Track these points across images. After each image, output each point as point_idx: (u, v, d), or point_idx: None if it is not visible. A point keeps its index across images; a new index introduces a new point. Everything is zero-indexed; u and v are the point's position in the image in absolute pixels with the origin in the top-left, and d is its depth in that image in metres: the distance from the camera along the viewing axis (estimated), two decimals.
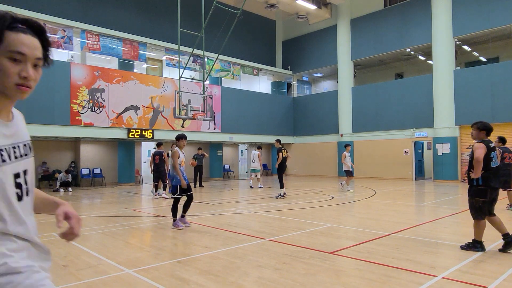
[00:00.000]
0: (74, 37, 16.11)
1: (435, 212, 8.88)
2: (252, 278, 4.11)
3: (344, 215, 8.71)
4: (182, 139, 7.40)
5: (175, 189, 7.14)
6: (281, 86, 26.60)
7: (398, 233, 6.34)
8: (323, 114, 24.32)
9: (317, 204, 10.50)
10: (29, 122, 14.52)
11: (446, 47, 18.59)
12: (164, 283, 3.93)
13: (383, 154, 21.27)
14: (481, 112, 17.45)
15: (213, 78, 21.77)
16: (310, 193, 13.56)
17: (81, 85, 16.06)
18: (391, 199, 11.46)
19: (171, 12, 19.82)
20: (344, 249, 5.31)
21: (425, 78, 19.70)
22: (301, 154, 25.57)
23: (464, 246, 5.21)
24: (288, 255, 4.97)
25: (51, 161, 17.81)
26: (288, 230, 6.76)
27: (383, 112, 21.26)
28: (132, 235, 6.66)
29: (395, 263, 4.54)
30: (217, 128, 21.15)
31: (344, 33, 23.08)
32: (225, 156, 24.47)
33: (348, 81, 23.03)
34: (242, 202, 11.48)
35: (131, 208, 10.07)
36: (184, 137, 7.43)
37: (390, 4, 21.36)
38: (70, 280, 4.09)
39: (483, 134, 5.33)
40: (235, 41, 22.48)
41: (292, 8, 22.55)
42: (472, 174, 5.18)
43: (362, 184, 17.51)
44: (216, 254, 5.10)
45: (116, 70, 17.56)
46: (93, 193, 14.67)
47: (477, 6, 17.83)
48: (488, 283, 3.82)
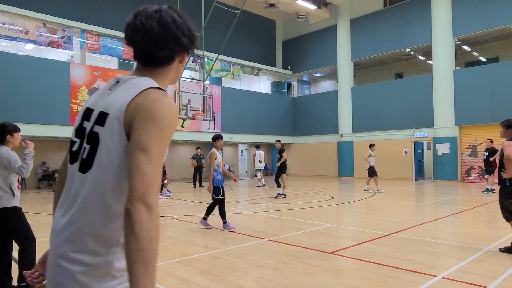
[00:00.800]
0: (74, 37, 16.12)
1: (435, 212, 8.88)
2: (252, 278, 4.11)
3: (344, 215, 8.72)
4: (218, 139, 6.98)
5: (217, 190, 6.85)
6: (281, 86, 26.60)
7: (398, 233, 6.34)
8: (323, 114, 24.32)
9: (317, 204, 10.50)
10: (29, 122, 14.56)
11: (446, 47, 18.60)
12: (164, 283, 3.93)
13: (383, 154, 21.25)
14: (481, 112, 17.47)
15: (213, 78, 21.76)
16: (310, 193, 13.56)
17: (81, 85, 16.06)
18: (391, 199, 11.47)
19: None
20: (344, 249, 5.31)
21: (425, 78, 19.70)
22: (301, 154, 25.57)
23: (503, 249, 5.04)
24: (288, 255, 4.97)
25: (51, 161, 17.81)
26: (288, 230, 6.76)
27: (383, 112, 21.27)
28: None
29: (395, 263, 4.54)
30: (217, 128, 21.14)
31: (344, 33, 23.09)
32: (225, 156, 24.46)
33: (348, 81, 23.03)
34: (242, 202, 11.48)
35: None
36: (220, 137, 7.01)
37: (390, 4, 21.36)
38: None
39: (511, 132, 5.08)
40: (235, 41, 22.48)
41: (292, 8, 22.55)
42: (503, 174, 4.93)
43: (362, 184, 17.52)
44: (216, 254, 5.11)
45: (116, 70, 17.55)
46: None
47: (477, 6, 17.84)
48: (488, 283, 3.82)
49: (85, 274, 1.09)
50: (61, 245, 1.14)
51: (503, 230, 6.49)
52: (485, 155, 12.81)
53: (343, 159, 22.86)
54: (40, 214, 9.15)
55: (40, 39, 15.14)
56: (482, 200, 10.97)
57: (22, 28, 14.67)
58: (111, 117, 1.14)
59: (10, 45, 16.42)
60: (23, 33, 14.71)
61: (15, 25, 14.49)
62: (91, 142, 1.16)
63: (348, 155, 22.74)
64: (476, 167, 17.89)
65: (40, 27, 15.10)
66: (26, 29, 14.75)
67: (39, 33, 15.08)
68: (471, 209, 9.24)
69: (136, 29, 1.18)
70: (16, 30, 14.54)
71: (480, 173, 17.69)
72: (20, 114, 14.43)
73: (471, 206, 9.66)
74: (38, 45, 15.46)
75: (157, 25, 1.17)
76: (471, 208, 9.40)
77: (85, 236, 1.12)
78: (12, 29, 14.44)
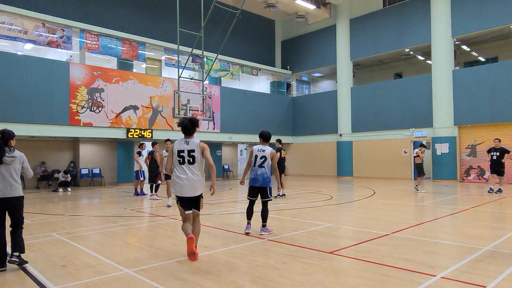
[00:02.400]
0: (73, 36, 16.10)
1: (434, 212, 8.89)
2: (251, 278, 4.11)
3: (343, 215, 8.72)
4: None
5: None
6: (280, 86, 26.61)
7: (397, 233, 6.35)
8: (322, 114, 24.34)
9: (316, 204, 10.51)
10: (28, 122, 14.56)
11: (445, 47, 18.61)
12: (164, 283, 3.93)
13: (382, 154, 21.30)
14: (480, 112, 17.50)
15: (212, 78, 21.76)
16: (309, 193, 13.56)
17: (80, 85, 16.05)
18: (390, 199, 11.48)
19: (170, 12, 19.80)
20: (343, 248, 5.31)
21: (424, 78, 19.72)
22: (300, 154, 25.59)
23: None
24: (287, 255, 4.98)
25: (50, 161, 17.80)
26: (287, 230, 6.77)
27: (382, 112, 21.29)
28: (131, 235, 6.66)
29: (394, 263, 4.55)
30: (216, 128, 21.15)
31: (343, 33, 23.10)
32: (224, 156, 24.47)
33: (347, 81, 23.05)
34: (241, 202, 11.48)
35: (130, 208, 10.06)
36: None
37: (389, 4, 21.38)
38: (69, 280, 4.09)
39: None
40: (234, 41, 22.49)
41: (291, 8, 22.55)
42: None
43: (361, 184, 17.53)
44: (215, 254, 5.11)
45: (115, 70, 17.55)
46: (92, 193, 14.66)
47: (476, 6, 17.86)
48: (487, 282, 3.82)
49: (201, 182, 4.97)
50: None
51: (502, 230, 6.50)
52: (496, 155, 12.21)
53: (343, 159, 22.87)
54: (40, 214, 9.14)
55: (39, 39, 15.12)
56: (481, 200, 10.98)
57: (21, 27, 14.66)
58: (196, 149, 4.88)
59: (9, 45, 16.41)
60: (22, 33, 14.69)
61: (14, 24, 14.47)
62: (191, 156, 4.87)
63: (347, 155, 22.75)
64: (475, 166, 17.92)
65: (39, 27, 15.09)
66: (25, 28, 14.74)
67: (38, 33, 15.07)
68: (470, 209, 9.25)
69: (186, 125, 4.91)
70: (15, 30, 14.52)
71: (479, 172, 17.72)
72: (19, 114, 14.42)
73: (470, 206, 9.67)
74: (37, 45, 15.44)
75: (190, 123, 4.91)
76: (470, 208, 9.41)
77: None
78: (11, 29, 14.43)
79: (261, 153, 6.31)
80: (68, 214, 9.06)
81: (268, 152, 6.32)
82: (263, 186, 6.25)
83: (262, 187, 6.25)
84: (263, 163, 6.26)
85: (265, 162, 6.27)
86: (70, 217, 8.65)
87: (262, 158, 6.27)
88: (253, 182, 6.29)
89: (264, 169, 6.27)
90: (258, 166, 6.27)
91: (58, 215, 8.96)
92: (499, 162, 12.14)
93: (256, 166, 6.28)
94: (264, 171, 6.26)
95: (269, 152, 6.31)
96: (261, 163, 6.27)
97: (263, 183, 6.24)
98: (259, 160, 6.28)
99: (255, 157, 6.32)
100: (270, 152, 6.31)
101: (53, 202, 11.83)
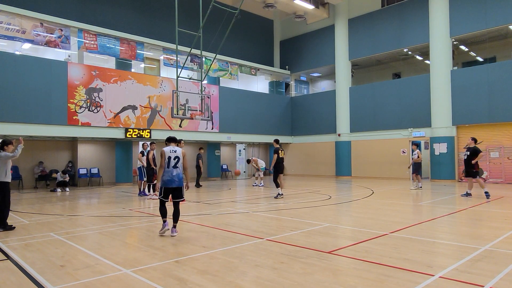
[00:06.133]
0: (72, 36, 16.07)
1: (432, 212, 8.91)
2: (250, 277, 4.11)
3: (342, 215, 8.73)
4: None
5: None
6: (279, 85, 26.62)
7: (396, 233, 6.36)
8: (321, 113, 24.36)
9: (314, 203, 10.51)
10: (26, 121, 14.53)
11: (443, 47, 18.65)
12: (162, 283, 3.92)
13: (380, 154, 21.32)
14: (478, 112, 17.54)
15: (211, 77, 21.75)
16: (308, 193, 13.57)
17: (79, 85, 16.02)
18: (389, 199, 11.49)
19: (169, 12, 19.80)
20: (341, 248, 5.32)
21: (422, 78, 19.76)
22: (299, 154, 25.60)
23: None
24: (285, 255, 4.98)
25: (48, 161, 17.75)
26: (285, 229, 6.77)
27: (380, 112, 21.31)
28: (130, 235, 6.65)
29: (392, 263, 4.55)
30: (215, 128, 21.14)
31: (341, 33, 23.12)
32: (223, 155, 24.46)
33: (346, 81, 23.07)
34: (240, 201, 11.48)
35: (129, 208, 10.05)
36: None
37: (388, 4, 21.41)
38: (68, 280, 4.08)
39: None
40: (233, 40, 22.48)
41: (290, 8, 22.55)
42: None
43: (360, 184, 17.55)
44: (214, 254, 5.11)
45: (113, 70, 17.53)
46: (91, 193, 14.64)
47: (474, 6, 17.90)
48: (485, 282, 3.83)
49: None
50: None
51: (500, 230, 6.52)
52: (466, 155, 11.40)
53: (341, 159, 22.89)
54: (38, 214, 9.12)
55: (37, 38, 15.08)
56: (479, 199, 11.00)
57: (19, 27, 14.62)
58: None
59: (7, 45, 16.37)
60: (20, 33, 14.65)
61: (12, 24, 14.43)
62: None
63: (346, 154, 22.78)
64: None
65: (38, 27, 15.05)
66: (23, 28, 14.70)
67: (37, 33, 15.03)
68: (468, 208, 9.27)
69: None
70: (13, 30, 14.48)
71: None
72: (17, 114, 14.39)
73: (468, 206, 9.69)
74: (36, 45, 15.40)
75: None
76: (468, 207, 9.44)
77: None
78: (9, 29, 14.39)
79: (174, 154, 6.46)
80: (66, 214, 9.04)
81: (180, 152, 6.54)
82: (179, 187, 6.43)
83: (178, 187, 6.41)
84: (177, 163, 6.43)
85: (179, 162, 6.47)
86: (68, 217, 8.63)
87: (176, 159, 6.43)
88: (170, 183, 6.33)
89: (178, 169, 6.46)
90: (172, 167, 6.38)
91: (56, 215, 8.95)
92: (469, 163, 11.30)
93: (171, 167, 6.37)
94: (179, 171, 6.45)
95: (180, 152, 6.55)
96: (175, 164, 6.41)
97: (179, 184, 6.42)
98: (173, 161, 6.39)
99: (168, 158, 6.38)
100: (181, 151, 6.59)
101: (51, 202, 11.80)
